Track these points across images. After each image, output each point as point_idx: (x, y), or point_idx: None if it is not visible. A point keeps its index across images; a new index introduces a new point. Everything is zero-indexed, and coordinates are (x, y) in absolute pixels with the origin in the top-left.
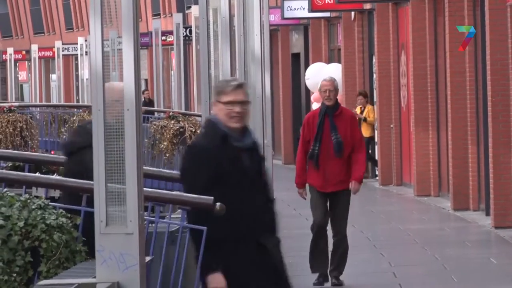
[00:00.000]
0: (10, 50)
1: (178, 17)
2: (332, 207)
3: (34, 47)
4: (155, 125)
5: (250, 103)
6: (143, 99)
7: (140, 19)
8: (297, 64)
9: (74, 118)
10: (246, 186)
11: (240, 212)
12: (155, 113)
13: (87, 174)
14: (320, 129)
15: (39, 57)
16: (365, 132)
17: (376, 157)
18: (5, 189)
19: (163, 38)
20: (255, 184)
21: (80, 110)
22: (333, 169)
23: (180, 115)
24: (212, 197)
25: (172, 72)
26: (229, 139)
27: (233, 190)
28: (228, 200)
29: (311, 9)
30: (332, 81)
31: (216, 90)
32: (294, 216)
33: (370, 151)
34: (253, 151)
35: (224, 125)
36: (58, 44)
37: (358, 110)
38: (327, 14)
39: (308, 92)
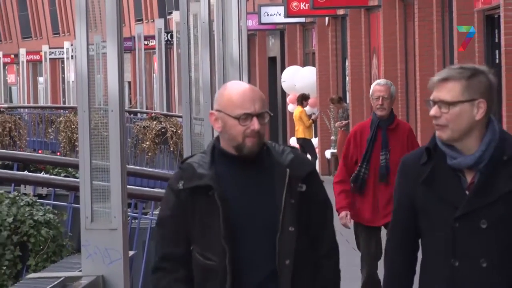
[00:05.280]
0: None
1: (160, 23)
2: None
3: (22, 51)
4: (138, 125)
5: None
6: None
7: (123, 24)
8: (274, 67)
9: (61, 119)
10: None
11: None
12: (138, 114)
13: None
14: (370, 146)
15: (27, 61)
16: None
17: None
18: None
19: (146, 42)
20: (473, 229)
21: (66, 111)
22: (385, 196)
23: (162, 116)
24: None
25: (154, 75)
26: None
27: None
28: (428, 246)
29: (287, 15)
30: (388, 86)
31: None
32: None
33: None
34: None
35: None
36: (45, 48)
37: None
38: (302, 20)
39: (284, 94)
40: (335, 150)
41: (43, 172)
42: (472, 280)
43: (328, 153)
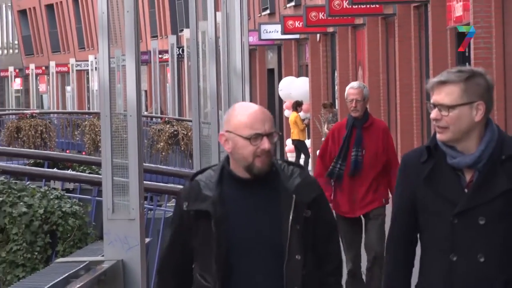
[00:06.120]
0: (32, 66)
1: (172, 39)
2: (365, 230)
3: (52, 64)
4: (153, 128)
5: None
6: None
7: (140, 40)
8: (272, 78)
9: (86, 122)
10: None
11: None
12: (153, 119)
13: None
14: (346, 144)
15: (56, 72)
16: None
17: None
18: (28, 182)
19: (160, 56)
20: (471, 227)
21: (91, 116)
22: (360, 190)
23: (174, 120)
24: None
25: (167, 84)
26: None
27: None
28: (426, 241)
29: (284, 32)
30: (361, 88)
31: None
32: None
33: None
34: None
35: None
36: (72, 61)
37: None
38: (297, 36)
39: (281, 101)
40: None
41: (70, 169)
42: (469, 274)
43: None
